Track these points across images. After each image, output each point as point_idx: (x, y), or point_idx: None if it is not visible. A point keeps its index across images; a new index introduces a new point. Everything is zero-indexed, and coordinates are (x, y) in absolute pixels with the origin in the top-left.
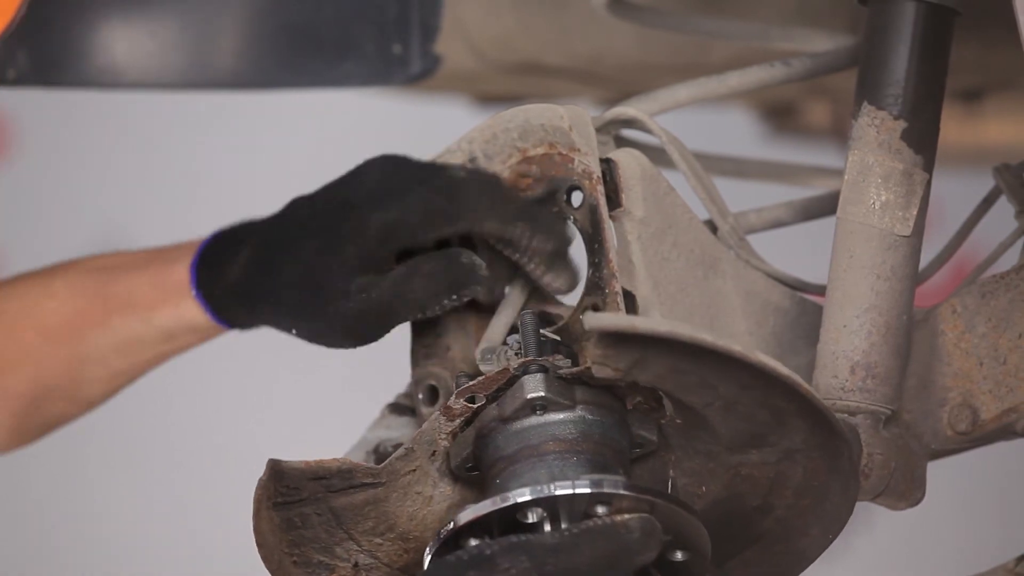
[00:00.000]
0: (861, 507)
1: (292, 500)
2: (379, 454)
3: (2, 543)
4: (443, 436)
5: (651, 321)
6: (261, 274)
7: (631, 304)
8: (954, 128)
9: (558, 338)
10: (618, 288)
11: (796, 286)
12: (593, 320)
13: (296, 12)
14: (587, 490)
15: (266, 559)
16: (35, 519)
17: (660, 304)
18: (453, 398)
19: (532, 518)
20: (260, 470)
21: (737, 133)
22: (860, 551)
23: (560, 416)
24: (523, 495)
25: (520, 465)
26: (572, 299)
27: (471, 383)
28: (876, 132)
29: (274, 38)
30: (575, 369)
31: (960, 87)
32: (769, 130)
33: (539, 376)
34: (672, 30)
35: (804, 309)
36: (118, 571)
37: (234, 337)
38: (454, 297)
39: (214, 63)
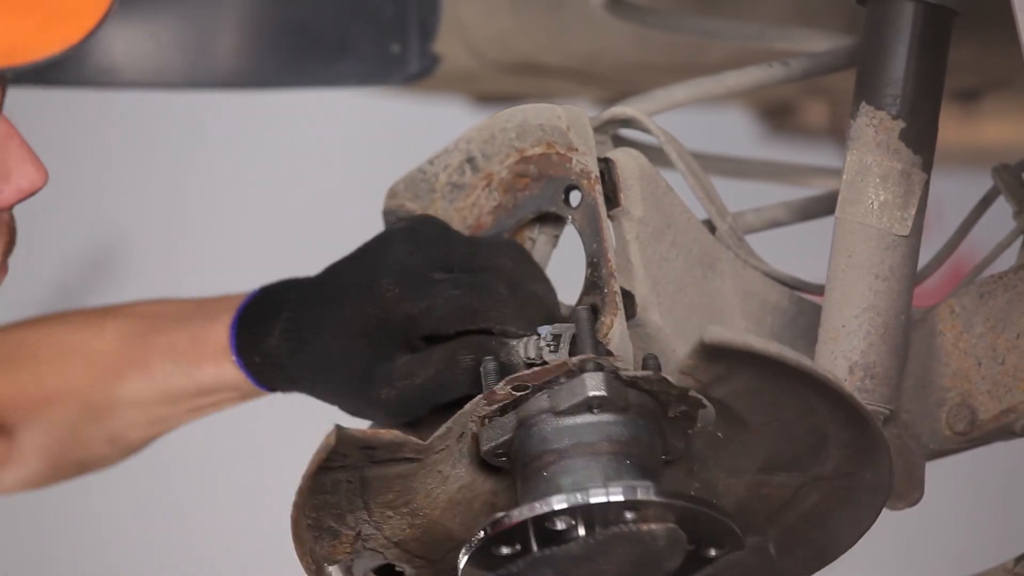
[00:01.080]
0: None
1: (337, 465)
2: None
3: (2, 543)
4: (474, 419)
5: (764, 342)
6: (298, 348)
7: (629, 304)
8: (952, 128)
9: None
10: (616, 287)
11: (794, 286)
12: (713, 334)
13: (294, 12)
14: (620, 498)
15: (293, 519)
16: (34, 520)
17: (658, 304)
18: (501, 384)
19: (560, 525)
20: (260, 471)
21: (735, 133)
22: (858, 551)
23: (614, 417)
24: (561, 503)
25: (572, 461)
26: (570, 297)
27: (525, 372)
28: (874, 132)
29: (273, 38)
30: (639, 373)
31: (958, 87)
32: (767, 130)
33: (600, 375)
34: (670, 30)
35: (802, 309)
36: (118, 572)
37: None
38: None
39: (212, 63)
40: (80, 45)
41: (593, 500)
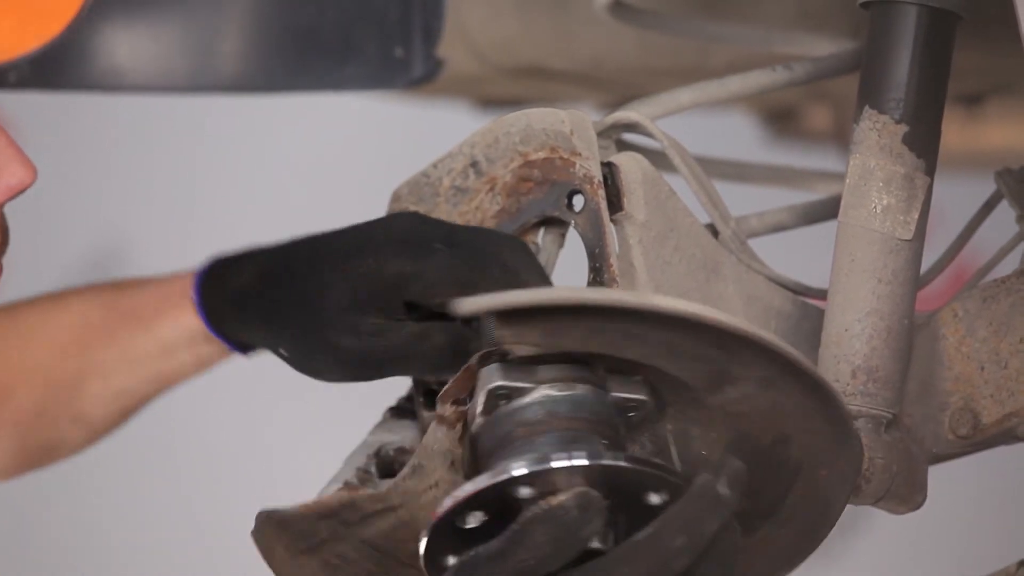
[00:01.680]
0: (862, 511)
1: (315, 544)
2: (380, 458)
3: (2, 542)
4: (455, 444)
5: (514, 295)
6: (266, 288)
7: None
8: (955, 132)
9: None
10: None
11: (797, 290)
12: (463, 305)
13: (298, 15)
14: (506, 476)
15: None
16: (35, 520)
17: None
18: (440, 406)
19: (472, 523)
20: (260, 473)
21: (739, 137)
22: (861, 555)
23: (525, 400)
24: (444, 507)
25: (493, 458)
26: None
27: (447, 387)
28: (878, 136)
29: (276, 41)
30: (530, 350)
31: (961, 91)
32: (770, 134)
33: (494, 366)
34: (674, 34)
35: (806, 313)
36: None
37: None
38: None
39: (216, 66)
40: (56, 42)
41: (471, 490)
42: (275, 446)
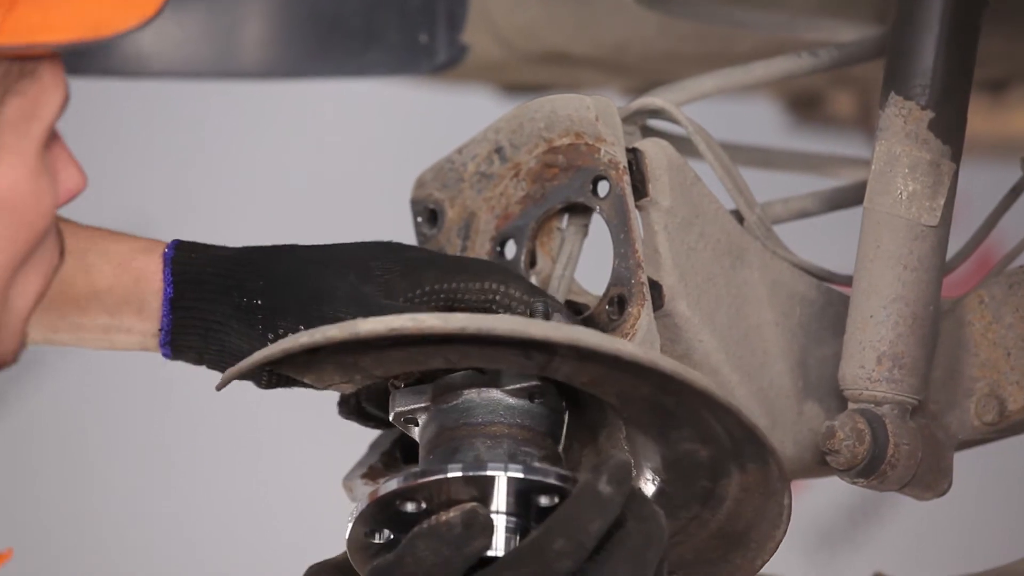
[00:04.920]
0: (887, 497)
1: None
2: (405, 442)
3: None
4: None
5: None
6: (273, 254)
7: (657, 294)
8: (981, 118)
9: None
10: (644, 278)
11: (823, 276)
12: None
13: (322, 1)
14: (393, 487)
15: None
16: (35, 521)
17: (686, 294)
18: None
19: (378, 538)
20: (259, 475)
21: (763, 123)
22: (886, 542)
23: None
24: (350, 517)
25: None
26: (598, 288)
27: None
28: (903, 122)
29: (300, 27)
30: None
31: (987, 77)
32: (795, 120)
33: (395, 393)
34: (699, 20)
35: (831, 299)
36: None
37: None
38: None
39: (240, 52)
40: (154, 19)
41: (350, 520)
42: (275, 445)
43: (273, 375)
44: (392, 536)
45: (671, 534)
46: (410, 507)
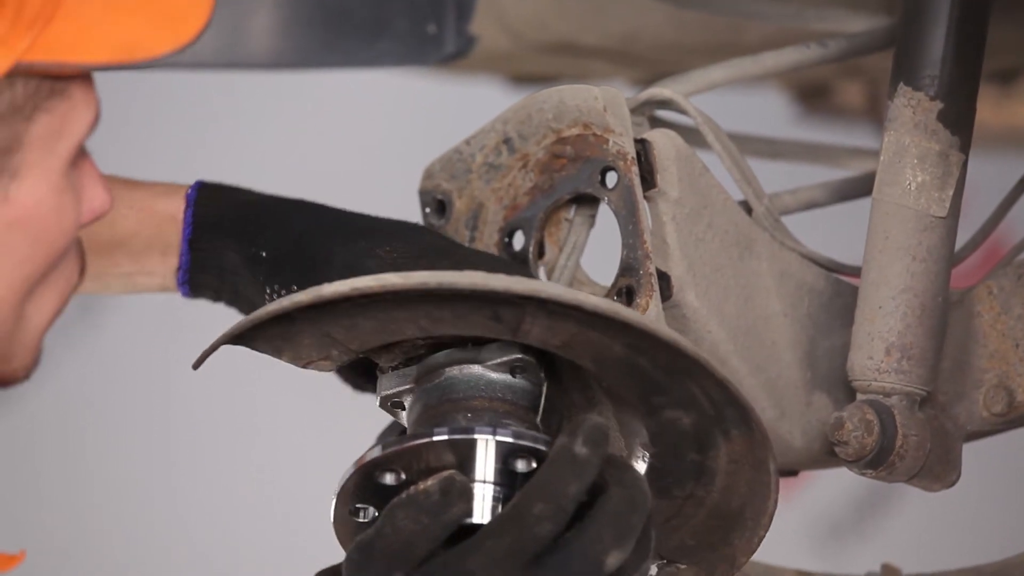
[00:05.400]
0: (895, 489)
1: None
2: None
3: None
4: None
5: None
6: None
7: (665, 285)
8: (990, 109)
9: None
10: (652, 268)
11: (831, 267)
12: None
13: None
14: (375, 455)
15: None
16: (36, 521)
17: (695, 284)
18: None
19: (363, 516)
20: (260, 474)
21: (772, 114)
22: (894, 533)
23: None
24: (333, 494)
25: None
26: (606, 279)
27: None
28: (912, 113)
29: (308, 17)
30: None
31: (996, 68)
32: (804, 111)
33: (382, 377)
34: (707, 10)
35: (839, 290)
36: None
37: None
38: None
39: (248, 43)
40: (190, 46)
41: (334, 497)
42: (276, 445)
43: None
44: (376, 514)
45: (668, 517)
46: (389, 479)
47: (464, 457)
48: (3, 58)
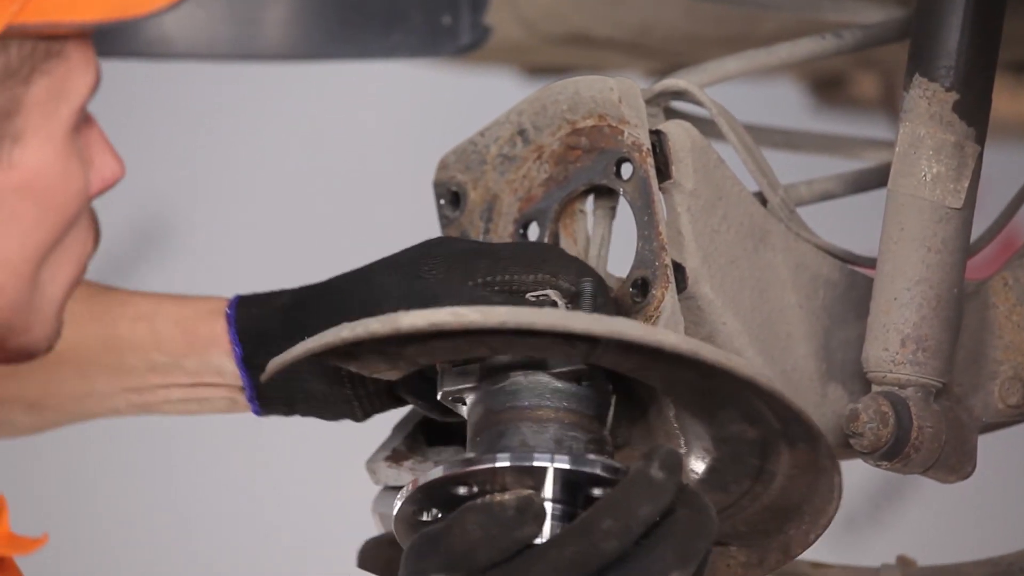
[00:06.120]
0: (911, 480)
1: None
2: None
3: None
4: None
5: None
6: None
7: (680, 276)
8: (1005, 100)
9: None
10: (668, 260)
11: (846, 259)
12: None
13: None
14: (438, 475)
15: None
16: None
17: (710, 276)
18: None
19: (426, 516)
20: (261, 474)
21: (787, 105)
22: (909, 525)
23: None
24: (399, 498)
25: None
26: (622, 270)
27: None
28: (928, 104)
29: (323, 9)
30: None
31: (1011, 59)
32: (819, 102)
33: (443, 374)
34: (722, 1)
35: (854, 282)
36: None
37: None
38: None
39: (263, 34)
40: (181, 2)
41: (421, 482)
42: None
43: (364, 402)
44: (440, 515)
45: (723, 507)
46: (461, 490)
47: (534, 478)
48: None
